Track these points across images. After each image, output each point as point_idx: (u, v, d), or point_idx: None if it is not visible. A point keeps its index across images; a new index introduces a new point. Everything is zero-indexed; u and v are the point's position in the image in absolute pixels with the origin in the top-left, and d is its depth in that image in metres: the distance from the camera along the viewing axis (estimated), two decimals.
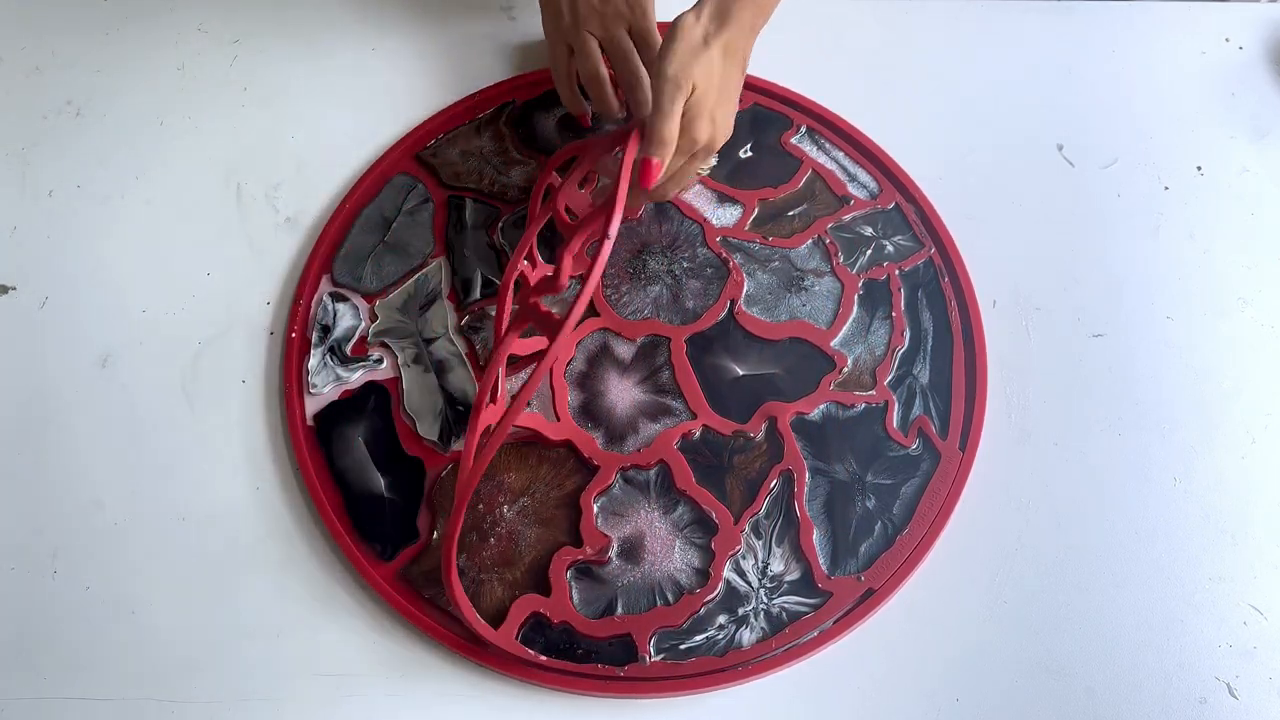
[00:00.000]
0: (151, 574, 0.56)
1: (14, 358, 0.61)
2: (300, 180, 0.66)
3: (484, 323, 0.61)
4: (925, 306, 0.62)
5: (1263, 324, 0.63)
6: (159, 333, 0.62)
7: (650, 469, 0.58)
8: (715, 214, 0.65)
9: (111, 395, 0.60)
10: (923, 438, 0.59)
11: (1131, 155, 0.62)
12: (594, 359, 0.61)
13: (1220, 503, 0.58)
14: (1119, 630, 0.55)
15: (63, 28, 0.71)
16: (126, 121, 0.68)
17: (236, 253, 0.64)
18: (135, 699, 0.53)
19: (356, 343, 0.61)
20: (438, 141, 0.67)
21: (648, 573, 0.55)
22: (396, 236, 0.64)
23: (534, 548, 0.56)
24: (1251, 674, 0.54)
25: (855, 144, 0.67)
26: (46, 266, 0.63)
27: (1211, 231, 0.66)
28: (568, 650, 0.54)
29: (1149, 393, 0.61)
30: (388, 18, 0.58)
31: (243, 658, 0.54)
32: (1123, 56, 0.72)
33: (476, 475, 0.51)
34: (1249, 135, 0.69)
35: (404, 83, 0.69)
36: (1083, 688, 0.54)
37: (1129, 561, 0.56)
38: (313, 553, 0.56)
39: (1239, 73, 0.72)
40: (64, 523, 0.57)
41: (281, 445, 0.59)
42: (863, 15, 0.73)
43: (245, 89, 0.69)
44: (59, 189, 0.66)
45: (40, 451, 0.59)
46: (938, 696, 0.53)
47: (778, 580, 0.55)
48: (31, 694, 0.53)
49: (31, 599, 0.55)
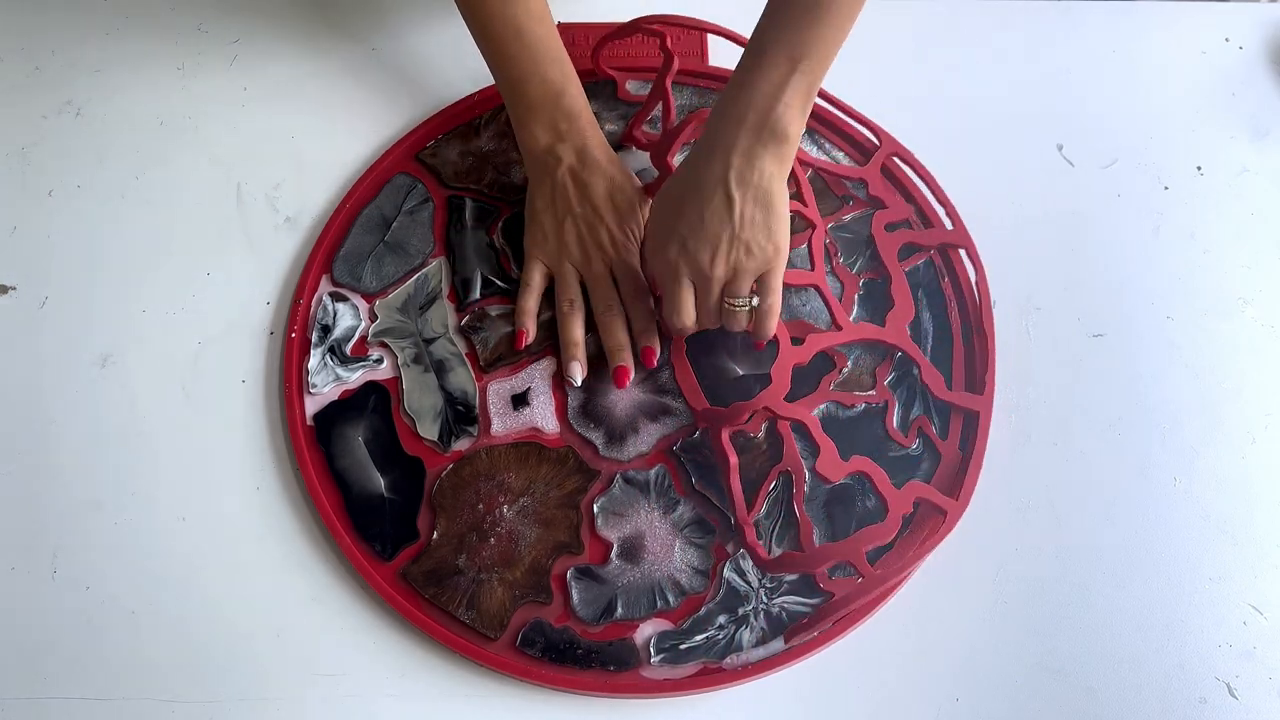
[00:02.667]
0: (151, 574, 0.56)
1: (14, 358, 0.61)
2: (300, 180, 0.66)
3: (484, 322, 0.61)
4: (925, 306, 0.62)
5: (1263, 324, 0.63)
6: (159, 333, 0.62)
7: (650, 469, 0.58)
8: None
9: (111, 395, 0.60)
10: (923, 438, 0.59)
11: (1131, 155, 0.62)
12: (594, 359, 0.61)
13: (1220, 503, 0.58)
14: (1119, 630, 0.55)
15: (63, 28, 0.71)
16: (126, 121, 0.68)
17: (236, 253, 0.64)
18: (135, 699, 0.53)
19: (356, 343, 0.61)
20: (438, 141, 0.67)
21: (648, 573, 0.55)
22: (396, 236, 0.64)
23: (534, 548, 0.56)
24: (1251, 674, 0.54)
25: (855, 144, 0.67)
26: (46, 266, 0.63)
27: (1211, 231, 0.66)
28: (568, 650, 0.54)
29: (1149, 393, 0.61)
30: (388, 18, 0.58)
31: (242, 658, 0.54)
32: (1123, 56, 0.72)
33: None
34: (1249, 135, 0.69)
35: (404, 83, 0.69)
36: (1083, 688, 0.54)
37: (1129, 561, 0.56)
38: (313, 553, 0.56)
39: (1239, 73, 0.72)
40: (64, 523, 0.57)
41: (281, 445, 0.59)
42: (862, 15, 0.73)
43: (245, 89, 0.69)
44: (59, 189, 0.66)
45: (40, 451, 0.58)
46: (937, 696, 0.53)
47: (778, 580, 0.55)
48: (31, 694, 0.53)
49: (31, 599, 0.55)
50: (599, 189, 0.60)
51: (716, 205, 0.53)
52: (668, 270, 0.56)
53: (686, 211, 0.54)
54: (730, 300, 0.56)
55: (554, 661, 0.53)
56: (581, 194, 0.60)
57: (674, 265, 0.55)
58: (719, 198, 0.53)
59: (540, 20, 0.59)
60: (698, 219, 0.53)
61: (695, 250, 0.54)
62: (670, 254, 0.55)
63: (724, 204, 0.53)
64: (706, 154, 0.53)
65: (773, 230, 0.54)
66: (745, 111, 0.52)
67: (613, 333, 0.60)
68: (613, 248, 0.60)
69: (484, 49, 0.61)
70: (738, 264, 0.54)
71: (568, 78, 0.60)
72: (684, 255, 0.55)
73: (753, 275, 0.55)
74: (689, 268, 0.55)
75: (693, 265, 0.55)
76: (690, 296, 0.56)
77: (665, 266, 0.56)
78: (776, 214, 0.54)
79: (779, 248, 0.54)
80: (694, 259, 0.54)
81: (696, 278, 0.55)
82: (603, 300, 0.60)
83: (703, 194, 0.53)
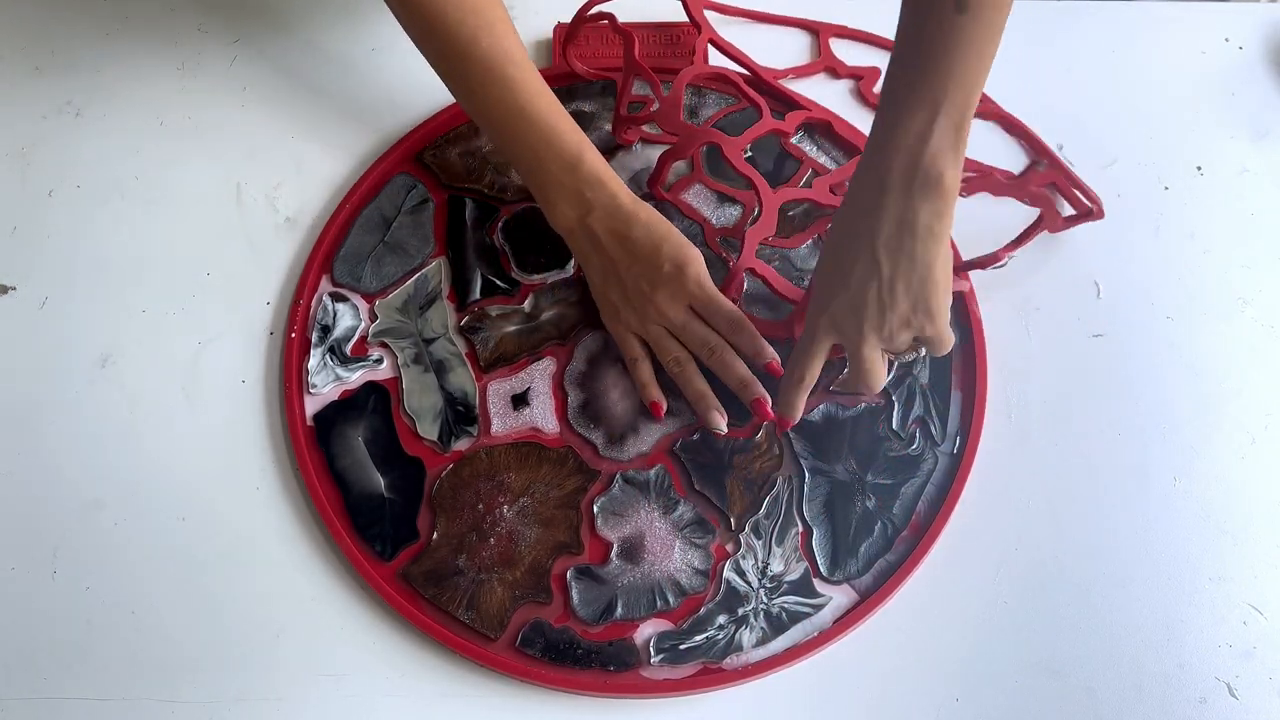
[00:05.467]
0: (151, 574, 0.56)
1: (14, 358, 0.61)
2: (300, 180, 0.66)
3: (483, 323, 0.61)
4: None
5: (1263, 324, 0.63)
6: (159, 333, 0.62)
7: (650, 469, 0.58)
8: (715, 214, 0.65)
9: (111, 395, 0.60)
10: (923, 438, 0.59)
11: (1131, 155, 0.62)
12: (594, 359, 0.61)
13: (1220, 503, 0.58)
14: (1119, 630, 0.55)
15: (63, 28, 0.71)
16: (126, 121, 0.68)
17: (236, 253, 0.64)
18: (135, 699, 0.53)
19: (356, 343, 0.61)
20: (438, 141, 0.67)
21: (648, 573, 0.55)
22: (396, 236, 0.64)
23: (534, 548, 0.56)
24: (1251, 674, 0.54)
25: (855, 145, 0.67)
26: (46, 266, 0.63)
27: (1211, 231, 0.66)
28: (568, 651, 0.54)
29: (1149, 393, 0.61)
30: (388, 18, 0.58)
31: (242, 658, 0.54)
32: (1123, 56, 0.72)
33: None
34: (1249, 135, 0.69)
35: (404, 83, 0.69)
36: (1083, 688, 0.54)
37: (1129, 561, 0.56)
38: (313, 553, 0.56)
39: (1239, 73, 0.72)
40: (64, 523, 0.57)
41: (281, 445, 0.59)
42: (861, 15, 0.73)
43: (245, 89, 0.69)
44: (59, 189, 0.66)
45: (40, 452, 0.58)
46: (937, 696, 0.53)
47: (777, 580, 0.55)
48: (31, 694, 0.53)
49: (31, 599, 0.55)
50: (641, 238, 0.57)
51: (861, 272, 0.51)
52: (815, 338, 0.55)
53: (834, 283, 0.53)
54: (890, 358, 0.56)
55: (554, 662, 0.53)
56: (630, 252, 0.58)
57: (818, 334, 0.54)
58: (864, 263, 0.51)
59: (541, 95, 0.57)
60: (843, 287, 0.52)
61: (842, 322, 0.53)
62: (819, 323, 0.54)
63: (871, 272, 0.51)
64: (853, 218, 0.51)
65: (929, 303, 0.51)
66: (888, 168, 0.49)
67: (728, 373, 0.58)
68: (680, 286, 0.58)
69: (492, 137, 0.60)
70: (890, 336, 0.53)
71: (581, 145, 0.58)
72: (834, 327, 0.54)
73: (906, 342, 0.54)
74: (841, 338, 0.54)
75: (844, 338, 0.54)
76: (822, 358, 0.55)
77: (812, 334, 0.55)
78: (933, 281, 0.51)
79: (932, 315, 0.52)
80: (843, 332, 0.54)
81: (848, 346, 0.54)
82: (697, 342, 0.58)
83: (844, 265, 0.52)
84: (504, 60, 0.56)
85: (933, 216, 0.50)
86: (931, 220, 0.50)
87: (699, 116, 0.67)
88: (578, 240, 0.59)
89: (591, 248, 0.58)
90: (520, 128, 0.57)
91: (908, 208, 0.49)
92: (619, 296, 0.59)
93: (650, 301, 0.58)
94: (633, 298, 0.58)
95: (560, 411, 0.59)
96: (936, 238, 0.50)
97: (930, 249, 0.50)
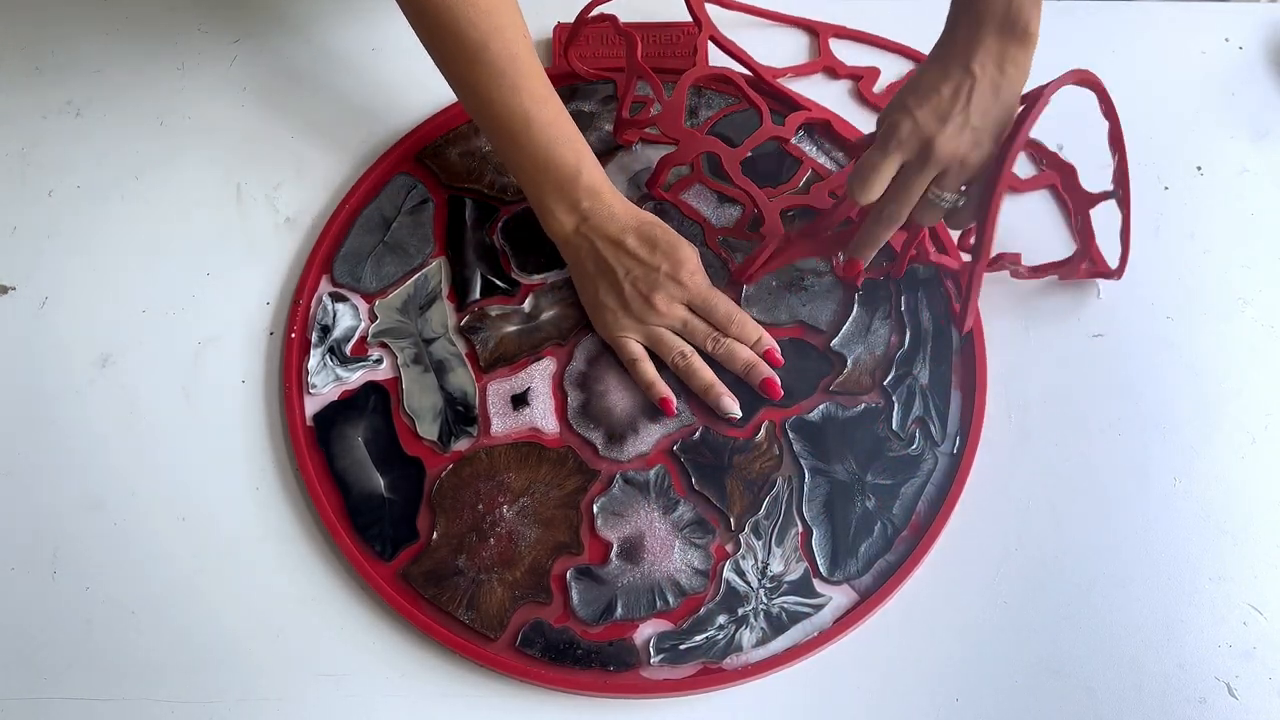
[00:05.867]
0: (151, 574, 0.56)
1: (14, 358, 0.61)
2: (300, 180, 0.66)
3: (483, 323, 0.61)
4: (925, 306, 0.62)
5: (1263, 324, 0.63)
6: (159, 333, 0.62)
7: (650, 470, 0.58)
8: (715, 214, 0.65)
9: (111, 395, 0.60)
10: (923, 438, 0.59)
11: (1131, 155, 0.62)
12: (594, 359, 0.61)
13: (1220, 503, 0.58)
14: (1119, 630, 0.55)
15: (63, 28, 0.71)
16: (126, 121, 0.68)
17: (236, 253, 0.64)
18: (135, 699, 0.53)
19: (356, 343, 0.61)
20: (438, 141, 0.67)
21: (647, 573, 0.55)
22: (396, 236, 0.64)
23: (534, 548, 0.56)
24: (1251, 674, 0.54)
25: (854, 146, 0.67)
26: (46, 266, 0.63)
27: (1211, 231, 0.66)
28: (568, 651, 0.54)
29: (1149, 393, 0.61)
30: (388, 18, 0.58)
31: (243, 658, 0.54)
32: (1123, 56, 0.72)
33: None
34: (1249, 135, 0.69)
35: (404, 83, 0.69)
36: (1083, 688, 0.54)
37: (1129, 561, 0.56)
38: (313, 553, 0.56)
39: (1239, 73, 0.72)
40: (64, 523, 0.57)
41: (281, 445, 0.59)
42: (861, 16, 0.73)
43: (245, 89, 0.69)
44: (59, 189, 0.66)
45: (40, 452, 0.59)
46: (938, 696, 0.53)
47: (777, 580, 0.55)
48: (31, 694, 0.53)
49: (31, 599, 0.55)
50: (637, 244, 0.58)
51: (957, 76, 0.52)
52: (888, 133, 0.54)
53: (923, 84, 0.53)
54: (936, 192, 0.55)
55: (553, 662, 0.53)
56: (626, 257, 0.58)
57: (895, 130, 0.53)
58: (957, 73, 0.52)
59: (545, 102, 0.57)
60: (934, 90, 0.53)
61: (924, 121, 0.53)
62: (897, 117, 0.54)
63: (964, 80, 0.52)
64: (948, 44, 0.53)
65: (995, 130, 0.53)
66: (986, 8, 0.52)
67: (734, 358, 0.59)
68: (676, 286, 0.59)
69: (492, 140, 0.59)
70: (964, 155, 0.53)
71: (581, 155, 0.58)
72: (912, 124, 0.53)
73: (967, 174, 0.54)
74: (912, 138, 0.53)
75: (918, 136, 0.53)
76: (891, 168, 0.54)
77: (887, 129, 0.54)
78: (1005, 119, 0.53)
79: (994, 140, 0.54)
80: (920, 129, 0.53)
81: (913, 151, 0.54)
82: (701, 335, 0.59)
83: (947, 71, 0.53)
84: (512, 65, 0.56)
85: (1017, 63, 0.53)
86: (1019, 62, 0.53)
87: (699, 116, 0.67)
88: (573, 248, 0.60)
89: (586, 255, 0.59)
90: (523, 136, 0.57)
91: (1003, 48, 0.52)
92: (616, 302, 0.59)
93: (649, 304, 0.58)
94: (630, 301, 0.59)
95: (560, 411, 0.59)
96: (1016, 84, 0.53)
97: (1016, 86, 0.53)
